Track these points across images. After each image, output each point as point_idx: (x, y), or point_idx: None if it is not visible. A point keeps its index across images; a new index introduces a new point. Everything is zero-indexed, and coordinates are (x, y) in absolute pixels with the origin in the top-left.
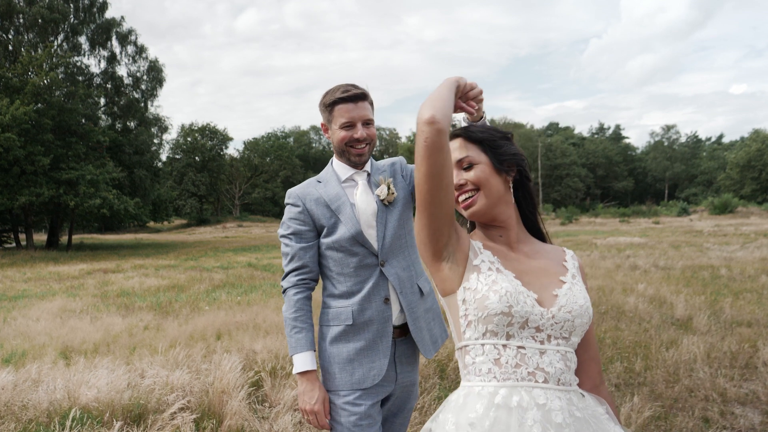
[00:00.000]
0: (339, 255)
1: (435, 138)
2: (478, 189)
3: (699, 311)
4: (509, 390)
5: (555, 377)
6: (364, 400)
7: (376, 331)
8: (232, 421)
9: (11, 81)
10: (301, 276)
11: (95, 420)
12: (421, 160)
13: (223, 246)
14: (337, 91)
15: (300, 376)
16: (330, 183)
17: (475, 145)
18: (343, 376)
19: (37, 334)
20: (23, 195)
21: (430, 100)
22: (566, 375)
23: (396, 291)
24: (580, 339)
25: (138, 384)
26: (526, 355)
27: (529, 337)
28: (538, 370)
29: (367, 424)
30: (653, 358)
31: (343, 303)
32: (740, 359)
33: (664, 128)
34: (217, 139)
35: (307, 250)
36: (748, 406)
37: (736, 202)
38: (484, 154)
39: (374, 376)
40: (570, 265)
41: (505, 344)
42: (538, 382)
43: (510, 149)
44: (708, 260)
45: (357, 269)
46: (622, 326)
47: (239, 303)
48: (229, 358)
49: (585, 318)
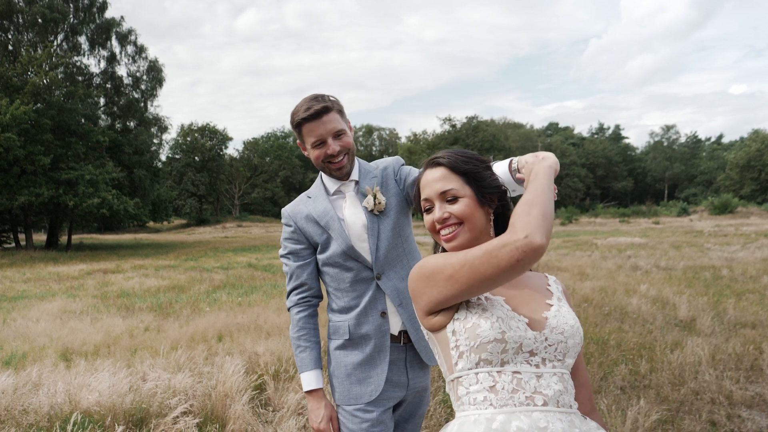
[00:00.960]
0: (335, 270)
1: (531, 261)
2: (461, 223)
3: (702, 312)
4: (507, 416)
5: (554, 399)
6: (375, 406)
7: (374, 345)
8: (235, 425)
9: (11, 81)
10: (301, 294)
11: (97, 424)
12: (497, 272)
13: (223, 246)
14: (301, 110)
15: (307, 395)
16: (318, 198)
17: (459, 177)
18: (343, 389)
19: (37, 335)
20: (23, 195)
21: (543, 219)
22: (565, 396)
23: (395, 304)
24: (574, 360)
25: (140, 387)
26: (523, 380)
27: (523, 362)
28: (536, 394)
29: (380, 431)
30: (658, 360)
31: (342, 318)
32: (745, 361)
33: (664, 128)
34: (216, 139)
35: (304, 268)
36: (755, 408)
37: (735, 202)
38: (468, 187)
39: (371, 391)
40: (554, 288)
41: (500, 371)
42: (537, 405)
43: (493, 182)
44: (709, 261)
45: (353, 284)
46: (626, 327)
47: (240, 304)
48: (232, 361)
49: (577, 338)
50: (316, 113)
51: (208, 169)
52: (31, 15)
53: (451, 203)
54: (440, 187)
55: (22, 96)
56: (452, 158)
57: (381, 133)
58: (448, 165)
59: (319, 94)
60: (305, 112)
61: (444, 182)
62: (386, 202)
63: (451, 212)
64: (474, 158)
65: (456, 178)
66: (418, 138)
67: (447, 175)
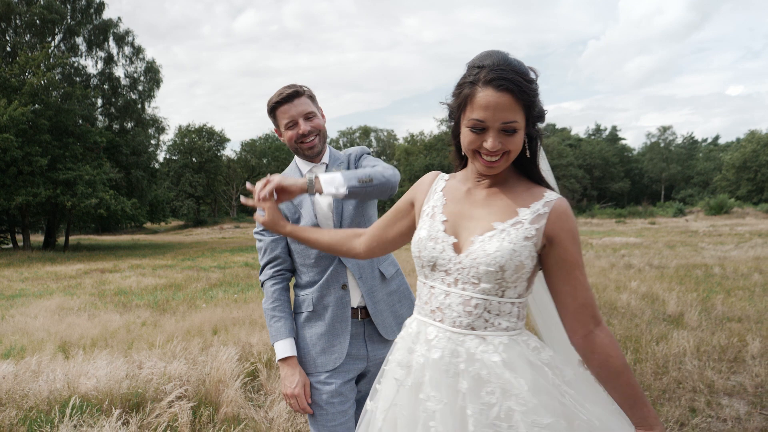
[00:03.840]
0: (300, 247)
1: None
2: (508, 152)
3: (690, 307)
4: (418, 323)
5: (451, 319)
6: (335, 378)
7: (335, 316)
8: (228, 408)
9: (9, 81)
10: (275, 267)
11: (94, 408)
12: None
13: (220, 246)
14: (274, 96)
15: (281, 363)
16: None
17: (522, 107)
18: (309, 359)
19: (35, 330)
20: (20, 195)
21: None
22: (464, 319)
23: (355, 277)
24: (496, 286)
25: (136, 374)
26: (434, 295)
27: (439, 279)
28: (438, 310)
29: (339, 402)
30: (643, 351)
31: (306, 291)
32: (729, 353)
33: (660, 129)
34: (214, 140)
35: (278, 242)
36: (735, 397)
37: (731, 202)
38: (524, 117)
39: (335, 359)
40: (527, 212)
41: (424, 282)
42: (435, 320)
43: (542, 109)
44: (702, 259)
45: (317, 260)
46: (614, 322)
47: (236, 301)
48: (226, 350)
49: (493, 266)
50: (288, 96)
51: (206, 170)
52: (30, 16)
53: (510, 135)
54: (504, 117)
55: (19, 97)
56: (520, 84)
57: (378, 135)
58: (518, 93)
59: (291, 83)
60: (278, 97)
61: (510, 113)
62: None
63: (509, 147)
64: (533, 81)
65: (519, 108)
66: (415, 139)
67: (513, 104)
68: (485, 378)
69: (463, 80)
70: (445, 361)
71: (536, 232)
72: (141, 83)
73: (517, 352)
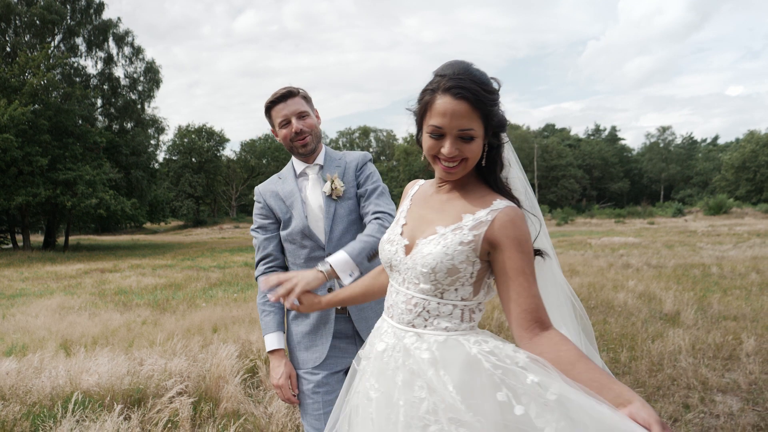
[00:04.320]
0: (292, 247)
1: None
2: (466, 159)
3: (687, 306)
4: (381, 318)
5: (396, 315)
6: (321, 370)
7: (319, 317)
8: (228, 404)
9: (9, 82)
10: (268, 264)
11: (96, 403)
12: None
13: (220, 246)
14: (270, 97)
15: (270, 355)
16: (287, 179)
17: (480, 115)
18: (295, 355)
19: (36, 328)
20: (20, 195)
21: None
22: (405, 316)
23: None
24: (433, 287)
25: (137, 371)
26: (390, 292)
27: (394, 278)
28: (391, 307)
29: (324, 392)
30: (639, 349)
31: None
32: (724, 350)
33: (660, 130)
34: (213, 140)
35: (271, 240)
36: (729, 393)
37: (730, 203)
38: (482, 125)
39: (316, 357)
40: (470, 218)
41: (390, 281)
42: (387, 316)
43: (502, 118)
44: (700, 259)
45: (307, 261)
46: (611, 320)
47: (236, 300)
48: (226, 348)
49: (426, 268)
50: (282, 96)
51: (205, 170)
52: (30, 17)
53: (467, 142)
54: (461, 125)
55: (19, 97)
56: (477, 93)
57: (378, 135)
58: (474, 102)
59: (287, 86)
60: (273, 97)
61: (466, 121)
62: (345, 189)
63: (465, 153)
64: (493, 91)
65: (477, 116)
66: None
67: (470, 112)
68: (417, 373)
69: (425, 88)
70: (387, 354)
71: (474, 237)
72: (141, 83)
73: (456, 351)
